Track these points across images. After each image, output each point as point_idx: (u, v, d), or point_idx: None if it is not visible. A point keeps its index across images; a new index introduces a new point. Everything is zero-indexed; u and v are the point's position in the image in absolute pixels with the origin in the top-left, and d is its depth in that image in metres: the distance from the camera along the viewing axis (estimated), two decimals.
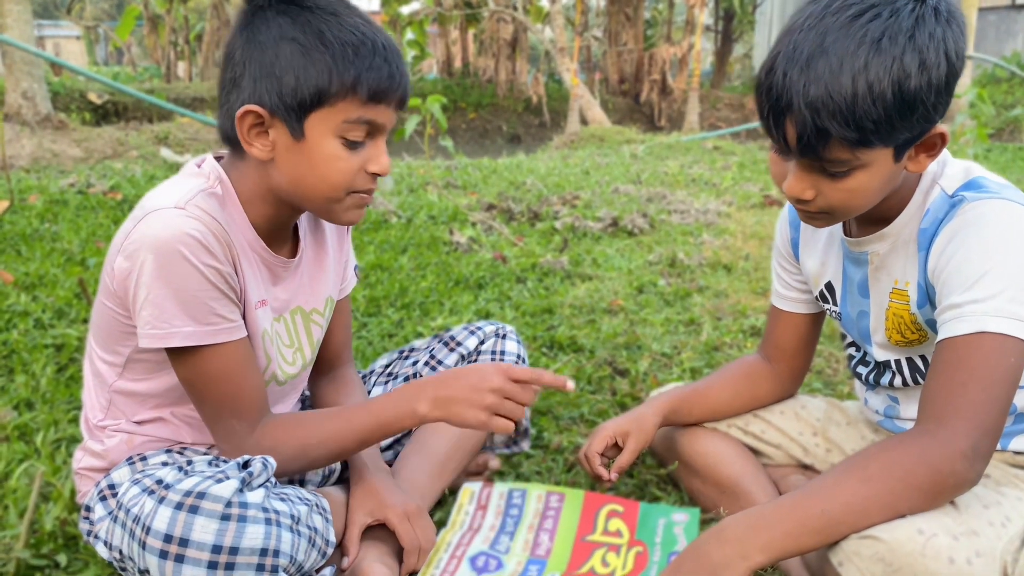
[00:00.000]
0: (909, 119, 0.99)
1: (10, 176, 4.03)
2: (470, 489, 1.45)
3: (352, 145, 1.14)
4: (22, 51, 6.64)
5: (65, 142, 6.72)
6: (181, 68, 17.45)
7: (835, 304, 1.35)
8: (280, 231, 1.27)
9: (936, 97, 0.99)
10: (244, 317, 1.20)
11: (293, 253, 1.31)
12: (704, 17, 13.48)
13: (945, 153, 1.16)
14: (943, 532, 0.95)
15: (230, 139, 1.17)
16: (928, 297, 1.15)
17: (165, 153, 6.20)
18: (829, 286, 1.34)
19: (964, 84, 8.59)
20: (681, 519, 1.36)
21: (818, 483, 1.02)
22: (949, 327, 1.04)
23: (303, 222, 1.35)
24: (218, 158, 1.24)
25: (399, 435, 1.59)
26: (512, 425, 1.20)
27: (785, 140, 1.03)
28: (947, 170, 1.15)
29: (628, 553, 1.29)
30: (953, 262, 1.06)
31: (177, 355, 1.15)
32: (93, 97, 11.28)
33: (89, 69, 15.72)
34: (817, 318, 1.45)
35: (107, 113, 11.26)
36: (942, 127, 1.05)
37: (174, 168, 5.46)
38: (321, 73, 1.09)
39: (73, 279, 2.62)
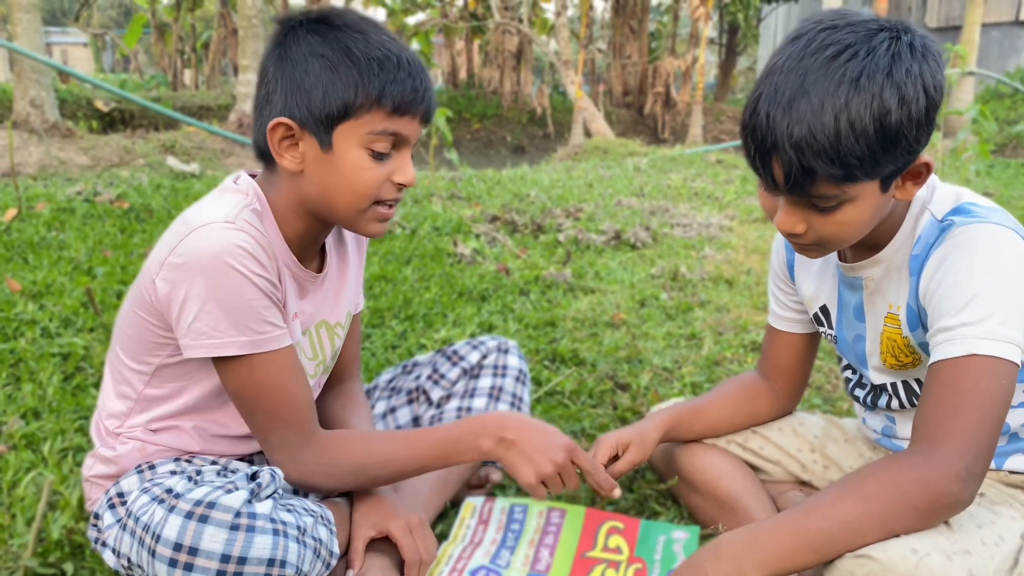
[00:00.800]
0: (892, 152, 1.02)
1: (18, 184, 4.06)
2: (472, 503, 1.46)
3: (378, 156, 1.18)
4: (31, 59, 6.69)
5: (72, 150, 6.76)
6: (188, 76, 17.55)
7: (830, 327, 1.36)
8: (310, 247, 1.31)
9: (917, 129, 1.02)
10: None
11: (320, 268, 1.35)
12: (708, 30, 13.54)
13: (934, 178, 1.18)
14: (936, 551, 0.97)
15: (264, 154, 1.22)
16: (920, 320, 1.17)
17: (171, 162, 6.23)
18: (824, 310, 1.36)
19: (966, 100, 8.61)
20: (681, 537, 1.38)
21: (815, 501, 1.04)
22: (941, 350, 1.06)
23: (328, 238, 1.38)
24: (251, 175, 1.28)
25: None
26: (545, 494, 1.26)
27: (773, 179, 1.06)
28: (936, 196, 1.17)
29: (627, 570, 1.31)
30: (943, 286, 1.08)
31: (228, 366, 1.17)
32: (99, 104, 11.35)
33: (96, 76, 15.82)
34: (814, 337, 1.47)
35: (113, 121, 11.33)
36: (926, 157, 1.07)
37: (180, 177, 5.50)
38: (348, 87, 1.14)
39: (80, 288, 2.65)
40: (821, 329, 1.39)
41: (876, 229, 1.16)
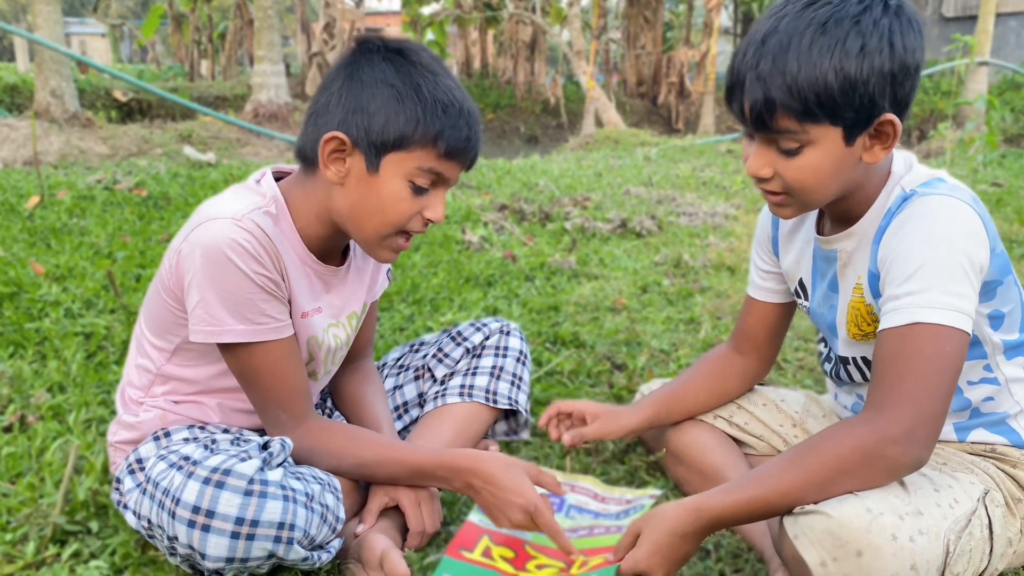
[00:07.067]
0: (850, 99, 1.07)
1: (40, 172, 4.18)
2: None
3: (417, 190, 1.26)
4: (51, 50, 6.81)
5: (92, 139, 6.89)
6: (204, 67, 17.66)
7: (806, 300, 1.43)
8: (332, 248, 1.39)
9: (879, 82, 1.07)
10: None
11: (341, 261, 1.44)
12: (723, 20, 13.49)
13: (912, 158, 1.24)
14: (889, 511, 1.04)
15: (306, 157, 1.30)
16: (880, 287, 1.21)
17: (188, 151, 6.35)
18: (802, 283, 1.43)
19: (980, 90, 8.57)
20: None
21: (763, 471, 1.12)
22: (888, 318, 1.12)
23: None
24: (277, 175, 1.35)
25: (408, 422, 1.71)
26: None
27: (743, 113, 1.13)
28: (911, 173, 1.22)
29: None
30: (897, 252, 1.14)
31: (228, 349, 1.27)
32: (118, 95, 11.48)
33: (114, 67, 15.97)
34: (788, 309, 1.53)
35: (131, 111, 11.46)
36: (891, 116, 1.11)
37: (196, 166, 5.61)
38: (409, 120, 1.22)
39: (101, 271, 2.75)
40: (799, 301, 1.46)
41: (851, 200, 1.22)
